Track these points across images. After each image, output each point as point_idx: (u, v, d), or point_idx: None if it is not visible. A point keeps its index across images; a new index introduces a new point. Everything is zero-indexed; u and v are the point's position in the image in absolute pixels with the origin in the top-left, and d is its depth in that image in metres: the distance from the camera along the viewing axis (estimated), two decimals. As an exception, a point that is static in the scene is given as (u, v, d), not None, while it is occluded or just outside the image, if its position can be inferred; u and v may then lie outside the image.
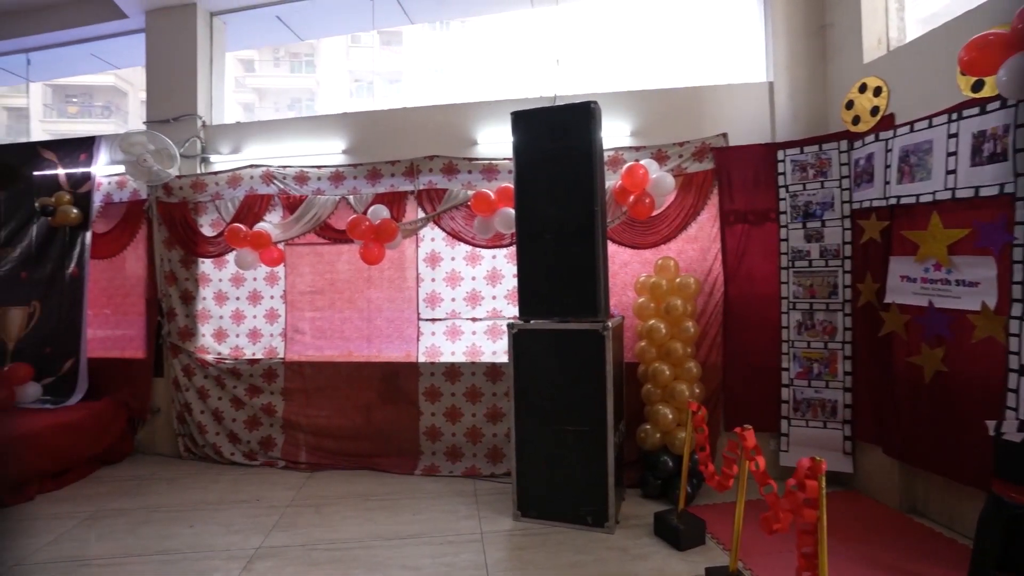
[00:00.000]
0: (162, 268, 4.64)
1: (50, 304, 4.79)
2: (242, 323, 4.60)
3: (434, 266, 4.29)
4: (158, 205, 4.61)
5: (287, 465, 4.28)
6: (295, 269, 4.53)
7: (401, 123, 4.50)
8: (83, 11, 4.89)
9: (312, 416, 4.38)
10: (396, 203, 4.24)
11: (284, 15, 4.92)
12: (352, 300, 4.45)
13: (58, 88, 19.54)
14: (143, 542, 3.06)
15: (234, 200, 4.52)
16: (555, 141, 3.12)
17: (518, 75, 19.55)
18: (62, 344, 4.69)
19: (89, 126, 18.80)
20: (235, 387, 4.48)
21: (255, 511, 3.45)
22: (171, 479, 4.07)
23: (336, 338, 4.47)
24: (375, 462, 4.20)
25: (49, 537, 3.14)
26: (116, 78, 19.04)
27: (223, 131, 4.83)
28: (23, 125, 19.48)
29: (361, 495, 3.68)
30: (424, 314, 4.29)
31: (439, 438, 4.16)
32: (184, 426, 4.54)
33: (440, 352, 4.25)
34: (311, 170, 4.42)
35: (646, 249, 3.97)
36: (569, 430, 3.08)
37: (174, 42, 4.77)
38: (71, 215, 4.69)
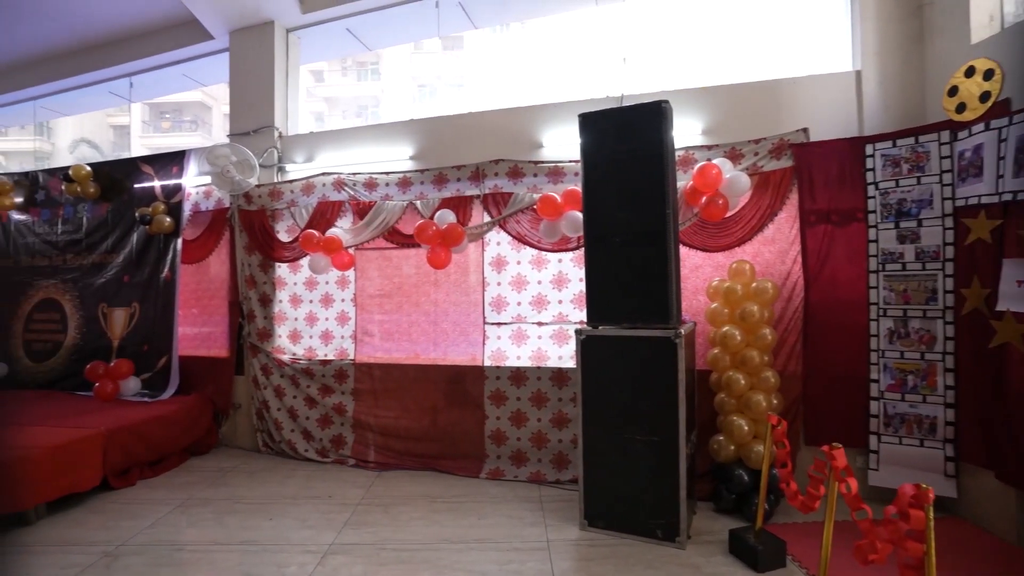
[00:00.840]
0: (243, 272, 4.91)
1: (147, 306, 5.19)
2: (315, 325, 4.80)
3: (500, 270, 4.29)
4: (239, 213, 4.89)
5: (356, 463, 4.42)
6: (364, 273, 4.67)
7: (466, 128, 4.54)
8: (177, 36, 5.29)
9: (380, 416, 4.50)
10: (462, 207, 4.28)
11: (353, 27, 5.10)
12: (419, 303, 4.53)
13: (154, 106, 21.27)
14: (228, 531, 3.24)
15: (308, 207, 4.72)
16: (624, 142, 3.04)
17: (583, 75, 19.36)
18: (157, 342, 5.08)
19: (179, 139, 20.34)
20: (308, 386, 4.67)
21: (327, 507, 3.57)
22: (251, 472, 4.30)
23: (403, 340, 4.57)
24: (440, 464, 4.25)
25: (148, 521, 3.39)
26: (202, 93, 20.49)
27: (297, 141, 5.06)
28: (125, 141, 21.35)
29: (427, 496, 3.74)
30: (490, 318, 4.30)
31: (504, 442, 4.15)
32: (262, 422, 4.79)
33: (505, 356, 4.25)
34: (379, 176, 4.54)
35: (718, 252, 3.80)
36: (639, 439, 2.98)
37: (254, 59, 5.06)
38: (165, 223, 5.06)
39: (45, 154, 19.89)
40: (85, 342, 5.38)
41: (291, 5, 4.84)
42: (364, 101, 22.09)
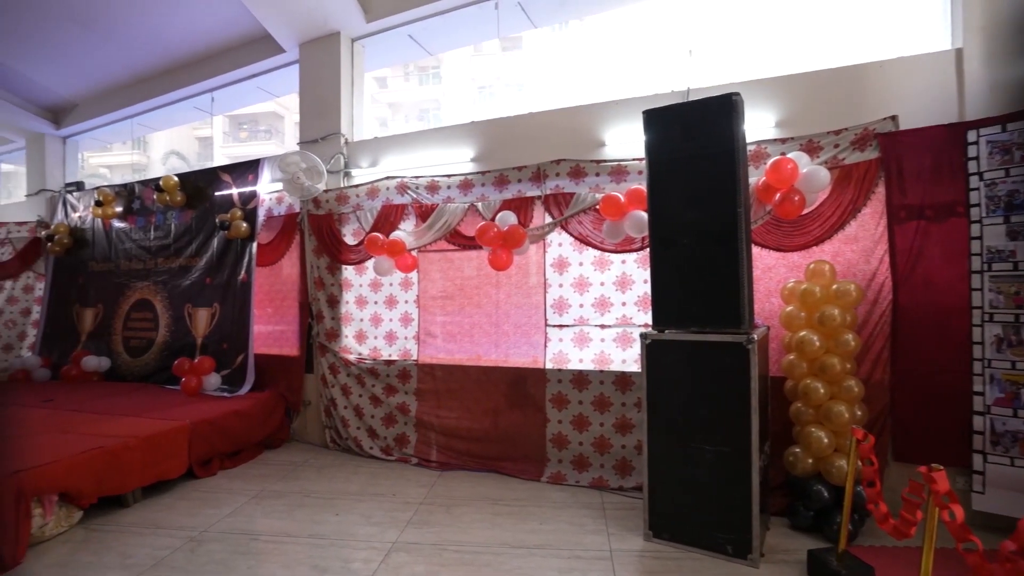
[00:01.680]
0: (312, 274, 5.11)
1: (227, 306, 5.51)
2: (380, 326, 4.92)
3: (562, 271, 4.23)
4: (309, 217, 5.09)
5: (419, 462, 4.49)
6: (427, 275, 4.74)
7: (526, 128, 4.51)
8: (252, 51, 5.59)
9: (443, 417, 4.55)
10: (523, 209, 4.25)
11: (415, 33, 5.19)
12: (480, 305, 4.55)
13: (233, 118, 22.69)
14: (298, 524, 3.37)
15: (372, 210, 4.85)
16: (691, 138, 2.90)
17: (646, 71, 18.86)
18: (236, 341, 5.38)
19: (255, 148, 21.60)
20: (373, 386, 4.79)
21: (391, 505, 3.65)
22: (319, 467, 4.46)
23: (465, 342, 4.60)
24: (502, 466, 4.25)
25: (228, 510, 3.58)
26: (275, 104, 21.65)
27: (362, 146, 5.21)
28: (208, 151, 22.91)
29: (489, 499, 3.74)
30: (551, 320, 4.25)
31: (566, 446, 4.09)
32: (330, 419, 4.97)
33: (567, 359, 4.18)
34: (441, 179, 4.58)
35: (794, 252, 3.57)
36: (708, 449, 2.84)
37: (321, 69, 5.26)
38: (242, 229, 5.36)
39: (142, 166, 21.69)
40: (173, 339, 5.79)
41: (356, 16, 4.99)
42: (426, 105, 22.58)
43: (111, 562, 2.94)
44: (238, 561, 2.91)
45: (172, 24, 5.32)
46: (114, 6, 5.05)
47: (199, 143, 22.94)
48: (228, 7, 4.99)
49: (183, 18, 5.25)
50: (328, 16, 4.94)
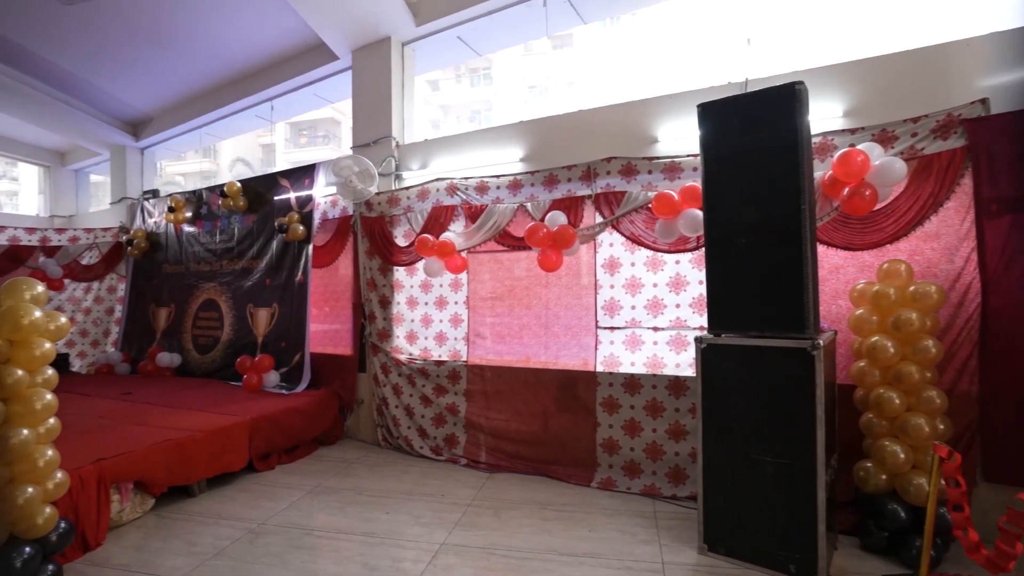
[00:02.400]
0: (365, 275, 5.22)
1: (285, 306, 5.73)
2: (430, 327, 4.96)
3: (613, 272, 4.13)
4: (361, 219, 5.20)
5: (468, 463, 4.50)
6: (477, 276, 4.74)
7: (576, 126, 4.42)
8: (307, 60, 5.79)
9: (492, 418, 4.54)
10: (573, 208, 4.17)
11: (463, 35, 5.21)
12: (530, 306, 4.50)
13: (293, 124, 23.68)
14: (350, 521, 3.44)
15: (423, 212, 4.89)
16: (750, 131, 2.74)
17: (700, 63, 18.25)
18: (293, 340, 5.58)
19: (314, 153, 22.45)
20: (424, 386, 4.84)
21: (440, 506, 3.66)
22: (372, 465, 4.55)
23: (515, 343, 4.57)
24: (551, 469, 4.18)
25: (284, 504, 3.71)
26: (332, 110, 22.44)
27: (413, 149, 5.27)
28: (271, 157, 24.02)
29: (537, 503, 3.68)
30: (602, 322, 4.16)
31: (617, 451, 3.98)
32: (382, 418, 5.06)
33: (619, 362, 4.07)
34: (490, 179, 4.57)
35: (865, 250, 3.31)
36: (768, 461, 2.68)
37: (373, 74, 5.36)
38: (299, 231, 5.55)
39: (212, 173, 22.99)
40: (237, 338, 6.07)
41: (406, 20, 5.06)
42: (477, 106, 22.77)
43: (178, 548, 3.09)
44: (293, 555, 2.99)
45: (235, 38, 5.59)
46: (185, 25, 5.35)
47: (262, 150, 24.07)
48: (285, 18, 5.18)
49: (245, 32, 5.49)
50: (379, 22, 5.04)
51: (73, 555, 2.99)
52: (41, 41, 5.49)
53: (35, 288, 2.73)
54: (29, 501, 2.59)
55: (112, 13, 5.06)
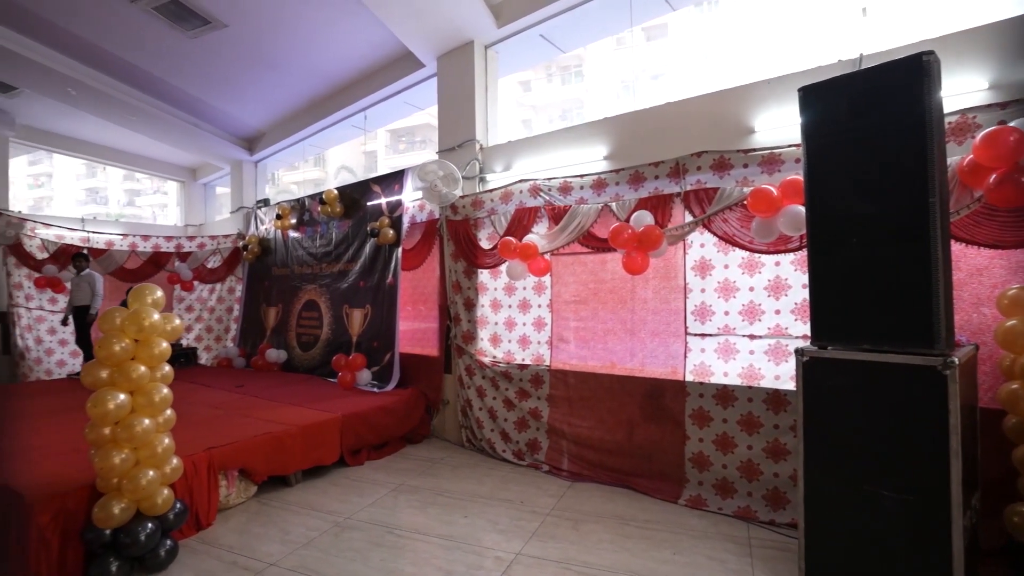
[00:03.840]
0: (450, 278, 5.30)
1: (377, 307, 5.98)
2: (513, 330, 4.93)
3: (704, 275, 3.84)
4: (447, 223, 5.28)
5: (550, 470, 4.40)
6: (560, 279, 4.64)
7: (664, 120, 4.18)
8: (396, 69, 6.01)
9: (575, 425, 4.41)
10: (660, 207, 3.94)
11: (546, 32, 5.12)
12: (615, 311, 4.32)
13: (393, 132, 24.99)
14: (429, 522, 3.48)
15: (506, 214, 4.87)
16: (864, 114, 2.39)
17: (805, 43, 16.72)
18: (384, 340, 5.80)
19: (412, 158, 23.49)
20: (507, 389, 4.82)
21: (519, 513, 3.60)
22: (455, 466, 4.60)
23: (599, 348, 4.41)
24: (635, 482, 3.98)
25: (370, 500, 3.84)
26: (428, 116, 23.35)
27: (497, 151, 5.27)
28: (373, 164, 25.50)
29: (619, 517, 3.51)
30: (692, 328, 3.88)
31: (707, 467, 3.70)
32: (466, 419, 5.10)
33: (710, 371, 3.78)
34: (574, 179, 4.44)
35: (1016, 249, 2.79)
36: (887, 495, 2.32)
37: (457, 78, 5.44)
38: (389, 235, 5.76)
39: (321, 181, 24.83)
40: (334, 337, 6.43)
41: (487, 22, 5.07)
42: (568, 105, 22.62)
43: (274, 535, 3.29)
44: (373, 553, 3.07)
45: (332, 56, 5.94)
46: (290, 48, 5.78)
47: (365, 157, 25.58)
48: (375, 32, 5.40)
49: (340, 49, 5.82)
50: (461, 26, 5.09)
51: (188, 532, 3.29)
52: (173, 71, 6.18)
53: (155, 293, 3.02)
54: (151, 482, 2.88)
55: (229, 43, 5.57)
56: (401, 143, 25.43)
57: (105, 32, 5.41)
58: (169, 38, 5.45)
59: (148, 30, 5.32)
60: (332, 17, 5.24)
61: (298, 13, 5.16)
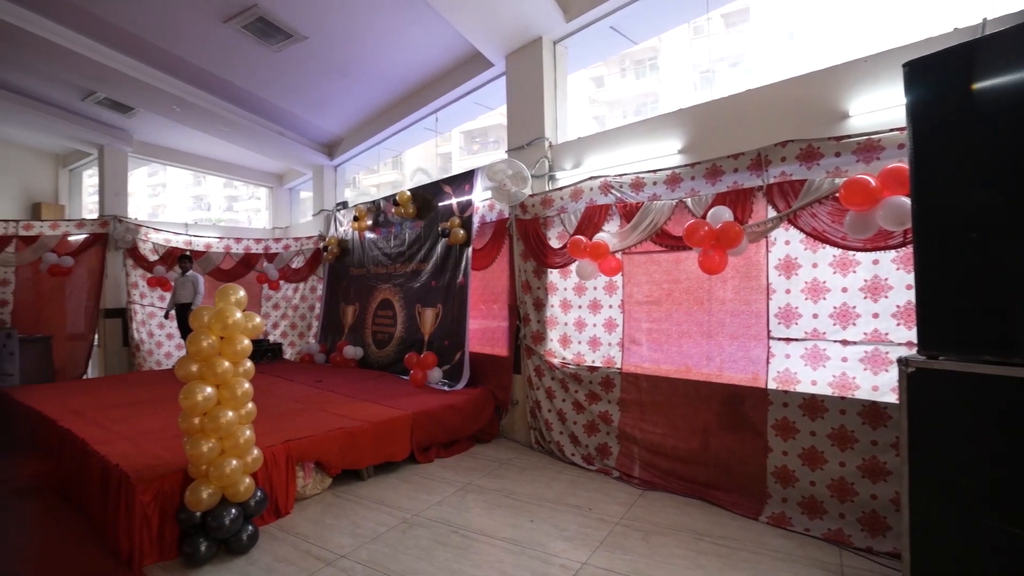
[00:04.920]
0: (520, 278, 5.26)
1: (448, 307, 6.05)
2: (583, 331, 4.81)
3: (789, 274, 3.55)
4: (516, 222, 5.25)
5: (620, 476, 4.25)
6: (632, 278, 4.47)
7: (744, 109, 3.91)
8: (466, 70, 6.06)
9: (647, 431, 4.23)
10: (740, 202, 3.68)
11: (617, 23, 4.95)
12: (690, 312, 4.11)
13: (466, 133, 25.46)
14: (495, 524, 3.45)
15: (576, 212, 4.76)
16: (985, 91, 2.08)
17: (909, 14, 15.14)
18: (455, 339, 5.87)
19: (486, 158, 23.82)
20: (576, 391, 4.71)
21: (586, 520, 3.49)
22: (522, 468, 4.55)
23: (673, 352, 4.21)
24: (711, 494, 3.75)
25: (437, 498, 3.88)
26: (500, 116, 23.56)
27: (566, 148, 5.17)
28: (448, 165, 26.12)
29: (693, 531, 3.31)
30: (776, 332, 3.60)
31: (792, 483, 3.41)
32: (535, 420, 5.05)
33: (796, 379, 3.49)
34: (646, 175, 4.26)
35: None
36: (1015, 532, 2.00)
37: (525, 76, 5.38)
38: (459, 235, 5.82)
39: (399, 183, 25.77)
40: (407, 335, 6.60)
41: (556, 17, 4.97)
42: (643, 99, 22.00)
43: (345, 528, 3.40)
44: (437, 552, 3.09)
45: (403, 60, 6.09)
46: (365, 56, 5.99)
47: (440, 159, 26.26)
48: (444, 34, 5.48)
49: (411, 53, 5.95)
50: (529, 23, 5.02)
51: (268, 519, 3.47)
52: (260, 84, 6.60)
53: (238, 292, 3.20)
54: (234, 471, 3.06)
55: (309, 54, 5.86)
56: (475, 144, 25.84)
57: (202, 52, 5.87)
58: (256, 54, 5.82)
59: (238, 47, 5.70)
60: (402, 23, 5.37)
61: (371, 21, 5.33)
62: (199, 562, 2.96)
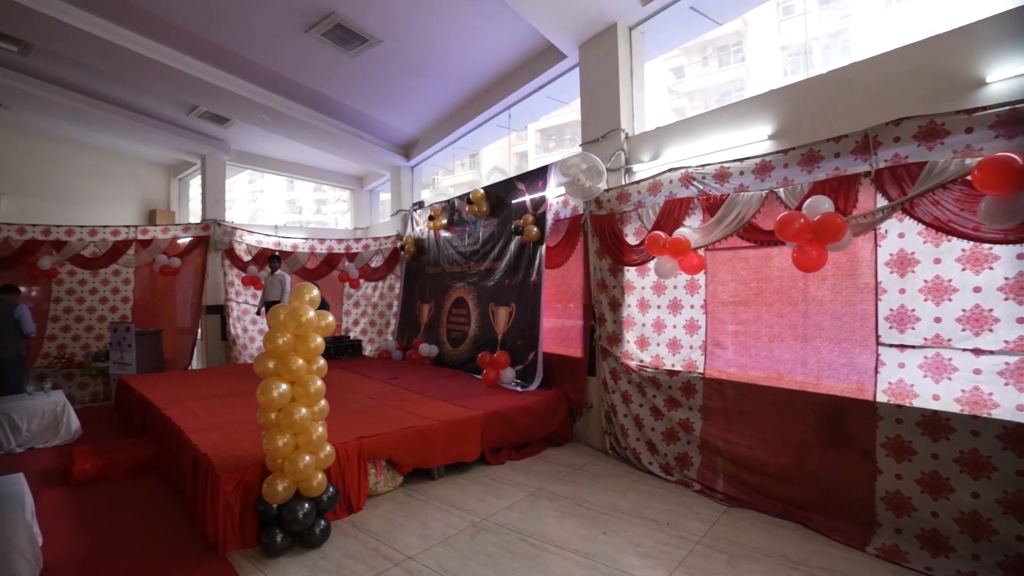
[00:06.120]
0: (595, 276, 5.05)
1: (521, 306, 5.95)
2: (662, 332, 4.53)
3: (904, 271, 3.10)
4: (591, 218, 5.04)
5: (702, 489, 3.94)
6: (716, 277, 4.14)
7: (847, 87, 3.48)
8: (538, 64, 5.93)
9: (732, 442, 3.89)
10: (843, 191, 3.27)
11: (698, 3, 4.60)
12: (783, 313, 3.73)
13: (543, 131, 25.33)
14: (566, 535, 3.29)
15: (654, 207, 4.48)
16: None
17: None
18: (528, 339, 5.75)
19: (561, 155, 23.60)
20: (654, 396, 4.44)
21: (664, 536, 3.24)
22: (596, 474, 4.35)
23: (762, 357, 3.84)
24: (807, 517, 3.36)
25: (507, 503, 3.77)
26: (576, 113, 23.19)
27: (643, 139, 4.89)
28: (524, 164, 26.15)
29: (786, 558, 2.97)
30: (887, 337, 3.16)
31: (908, 512, 2.97)
32: (610, 425, 4.82)
33: (913, 392, 3.04)
34: (732, 165, 3.91)
35: None
36: None
37: (600, 66, 5.15)
38: (533, 233, 5.69)
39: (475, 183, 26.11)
40: (481, 334, 6.57)
41: (631, 2, 4.70)
42: (726, 88, 20.80)
43: (414, 528, 3.38)
44: (505, 560, 2.98)
45: (474, 58, 6.06)
46: (437, 56, 6.04)
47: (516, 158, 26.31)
48: (515, 28, 5.37)
49: (482, 50, 5.90)
50: (603, 9, 4.78)
51: (341, 514, 3.52)
52: (339, 89, 6.83)
53: (312, 291, 3.26)
54: (307, 466, 3.12)
55: (384, 57, 5.97)
56: (551, 142, 25.66)
57: (286, 62, 6.16)
58: (335, 60, 6.02)
59: (319, 55, 5.92)
60: (473, 19, 5.32)
61: (442, 19, 5.32)
62: (275, 552, 3.04)
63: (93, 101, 7.35)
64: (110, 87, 7.09)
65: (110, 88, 7.12)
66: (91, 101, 7.33)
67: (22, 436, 5.05)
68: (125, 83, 6.81)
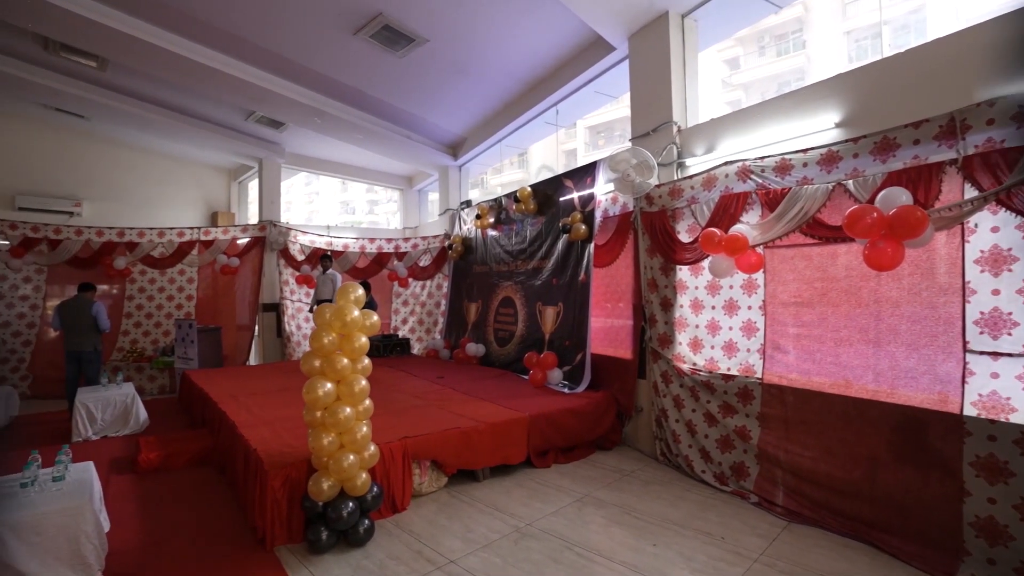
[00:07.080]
0: (645, 275, 4.86)
1: (569, 306, 5.82)
2: (717, 334, 4.30)
3: (997, 270, 2.78)
4: (641, 215, 4.85)
5: (759, 502, 3.71)
6: (776, 276, 3.88)
7: (927, 65, 3.16)
8: (585, 58, 5.76)
9: (793, 453, 3.64)
10: (923, 181, 2.98)
11: (758, -17, 4.33)
12: (852, 316, 3.45)
13: (592, 128, 24.96)
14: (613, 544, 3.15)
15: (709, 203, 4.26)
16: None
17: None
18: (576, 340, 5.62)
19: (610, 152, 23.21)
20: (708, 402, 4.22)
21: (718, 552, 3.05)
22: (646, 481, 4.17)
23: (828, 363, 3.56)
24: (879, 538, 3.09)
25: (552, 508, 3.67)
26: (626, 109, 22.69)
27: (697, 132, 4.66)
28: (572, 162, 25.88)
29: (858, 584, 2.72)
30: (977, 344, 2.85)
31: (1004, 542, 2.66)
32: (661, 430, 4.62)
33: (1009, 406, 2.72)
34: (794, 156, 3.65)
35: None
36: None
37: (651, 56, 4.94)
38: (581, 231, 5.55)
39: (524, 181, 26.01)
40: (528, 334, 6.48)
41: (685, -16, 4.49)
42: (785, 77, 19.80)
43: (457, 530, 3.33)
44: (548, 568, 2.87)
45: (520, 54, 5.96)
46: (483, 54, 5.98)
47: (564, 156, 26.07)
48: (561, 22, 5.24)
49: (528, 46, 5.79)
50: (655, -4, 4.58)
51: (385, 513, 3.52)
52: (387, 90, 6.89)
53: (357, 291, 3.26)
54: (351, 465, 3.12)
55: (431, 57, 5.97)
56: (600, 139, 25.25)
57: (336, 65, 6.27)
58: (383, 61, 6.07)
59: (367, 57, 5.99)
60: (519, 15, 5.22)
61: (488, 16, 5.25)
62: (321, 550, 3.06)
63: (161, 110, 7.76)
64: (175, 96, 7.46)
65: (175, 97, 7.49)
66: (159, 110, 7.74)
67: (97, 425, 5.39)
68: (189, 92, 7.14)
